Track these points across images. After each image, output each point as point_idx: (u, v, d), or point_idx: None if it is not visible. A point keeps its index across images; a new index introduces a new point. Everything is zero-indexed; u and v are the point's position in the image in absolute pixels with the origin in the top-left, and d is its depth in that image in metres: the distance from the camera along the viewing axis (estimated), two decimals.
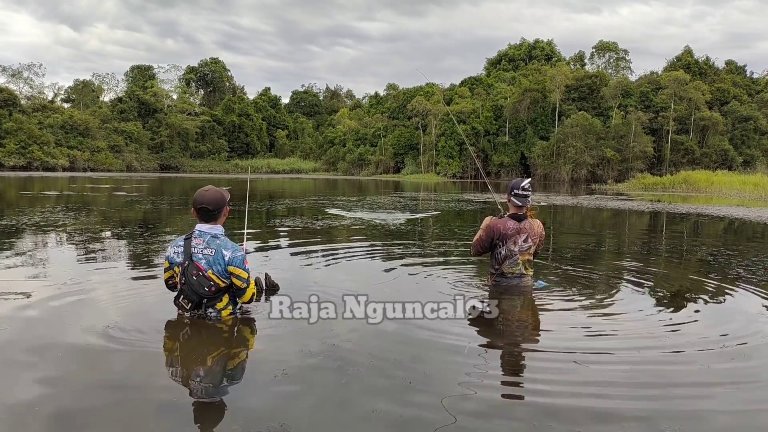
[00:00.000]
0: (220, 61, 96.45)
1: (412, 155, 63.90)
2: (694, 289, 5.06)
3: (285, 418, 2.23)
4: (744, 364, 3.00)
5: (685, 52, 64.44)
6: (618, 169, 51.17)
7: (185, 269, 3.33)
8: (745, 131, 54.50)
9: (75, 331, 3.30)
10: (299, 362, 2.84)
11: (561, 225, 12.06)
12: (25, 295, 4.10)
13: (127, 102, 74.36)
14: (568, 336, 3.46)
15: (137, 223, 10.21)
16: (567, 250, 7.59)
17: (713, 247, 8.04)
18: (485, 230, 4.42)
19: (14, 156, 55.77)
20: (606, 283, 5.18)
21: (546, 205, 17.77)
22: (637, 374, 2.84)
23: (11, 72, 72.05)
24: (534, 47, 75.09)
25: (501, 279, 4.44)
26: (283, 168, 75.40)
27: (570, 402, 2.47)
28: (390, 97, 78.37)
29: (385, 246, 7.50)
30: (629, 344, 3.29)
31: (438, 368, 2.84)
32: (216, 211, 3.42)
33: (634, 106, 55.38)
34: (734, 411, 2.44)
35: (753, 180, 27.85)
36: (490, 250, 4.47)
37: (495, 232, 4.36)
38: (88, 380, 2.60)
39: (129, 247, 6.92)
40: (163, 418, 2.27)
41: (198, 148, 77.06)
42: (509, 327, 3.68)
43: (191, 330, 3.32)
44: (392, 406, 2.37)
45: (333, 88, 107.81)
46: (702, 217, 13.70)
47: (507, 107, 59.33)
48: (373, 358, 2.94)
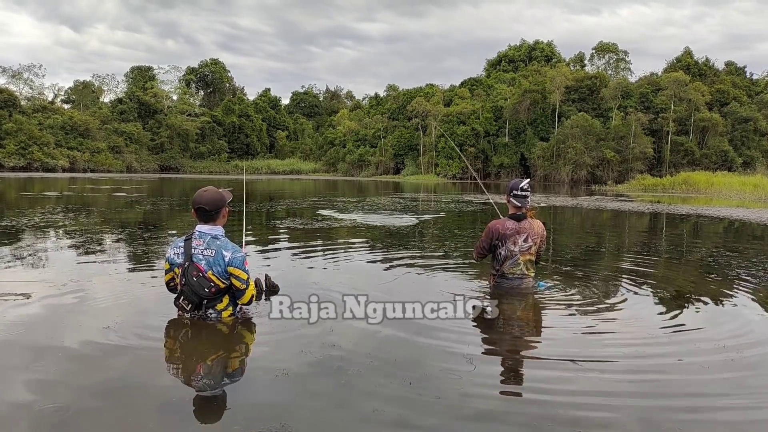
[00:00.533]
0: (220, 61, 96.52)
1: (412, 156, 63.94)
2: (695, 290, 5.06)
3: (285, 418, 2.23)
4: (744, 366, 3.00)
5: (685, 53, 64.47)
6: (618, 170, 51.19)
7: (185, 270, 3.33)
8: (744, 132, 54.53)
9: (75, 331, 3.30)
10: (299, 362, 2.84)
11: (561, 226, 12.06)
12: (25, 296, 4.10)
13: (127, 103, 74.41)
14: (568, 338, 3.45)
15: (137, 224, 10.20)
16: (567, 252, 7.59)
17: (713, 249, 8.04)
18: (485, 232, 4.43)
19: (14, 157, 55.81)
20: (606, 285, 5.18)
21: (546, 206, 17.76)
22: (638, 378, 2.83)
23: (11, 73, 72.14)
24: (534, 48, 75.14)
25: (502, 280, 4.44)
26: (283, 169, 75.44)
27: (570, 404, 2.47)
28: (390, 98, 78.40)
29: (384, 246, 7.51)
30: (629, 347, 3.28)
31: (438, 369, 2.84)
32: (213, 212, 3.40)
33: (633, 107, 55.40)
34: (735, 414, 2.44)
35: (753, 181, 27.85)
36: (491, 252, 4.47)
37: (494, 233, 4.37)
38: (88, 381, 2.60)
39: (129, 248, 6.92)
40: (164, 418, 2.27)
41: (198, 149, 77.11)
42: (509, 328, 3.68)
43: (191, 330, 3.32)
44: (392, 407, 2.37)
45: (333, 89, 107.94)
46: (702, 218, 13.70)
47: (507, 108, 59.37)
48: (373, 358, 2.94)
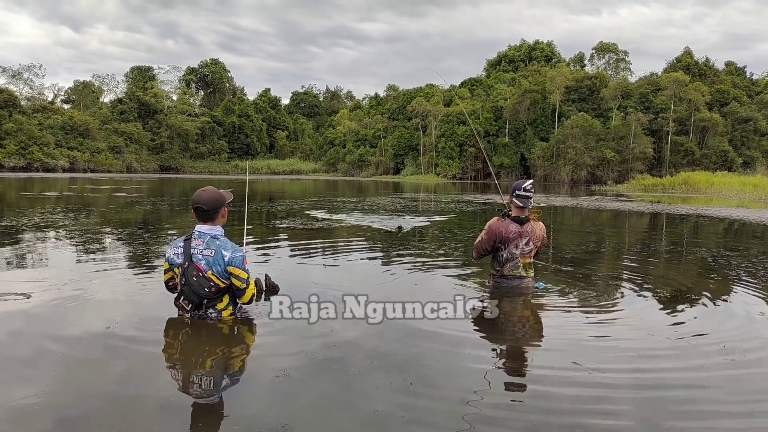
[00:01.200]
0: (220, 62, 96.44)
1: (412, 156, 63.94)
2: (695, 290, 5.06)
3: (286, 418, 2.23)
4: (746, 366, 3.00)
5: (685, 53, 64.46)
6: (618, 170, 51.19)
7: (185, 270, 3.33)
8: (744, 132, 54.52)
9: (75, 331, 3.29)
10: (299, 362, 2.84)
11: (561, 226, 12.06)
12: (25, 296, 4.10)
13: (127, 103, 74.39)
14: (569, 339, 3.45)
15: (137, 224, 10.20)
16: (567, 252, 7.59)
17: (713, 248, 8.04)
18: (487, 233, 4.40)
19: (14, 157, 55.77)
20: (606, 285, 5.18)
21: (546, 206, 17.76)
22: (638, 376, 2.83)
23: (11, 73, 72.03)
24: (534, 48, 75.14)
25: (502, 280, 4.44)
26: (283, 169, 75.43)
27: (570, 404, 2.47)
28: (390, 98, 78.42)
29: (384, 246, 7.50)
30: (630, 347, 3.29)
31: (438, 369, 2.84)
32: (212, 212, 3.40)
33: (633, 107, 55.40)
34: (736, 413, 2.44)
35: (753, 181, 27.87)
36: (491, 253, 4.47)
37: (497, 235, 4.35)
38: (88, 381, 2.60)
39: (129, 248, 6.91)
40: (163, 418, 2.27)
41: (198, 149, 77.10)
42: (509, 328, 3.68)
43: (191, 330, 3.32)
44: (392, 407, 2.37)
45: (333, 89, 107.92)
46: (702, 218, 13.70)
47: (507, 108, 59.37)
48: (373, 358, 2.94)
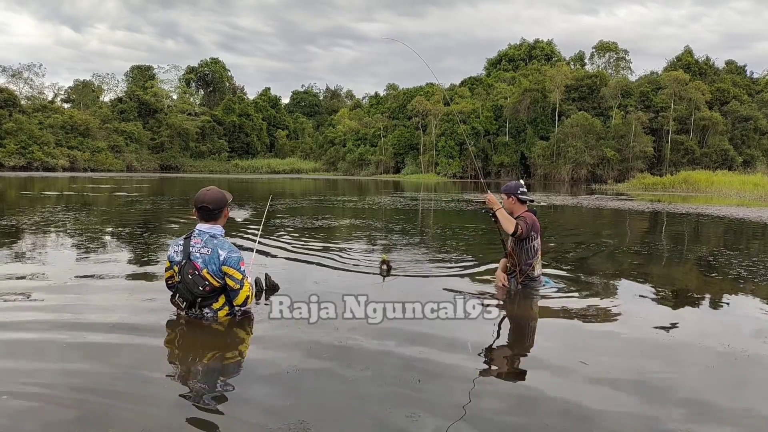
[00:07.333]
0: (220, 61, 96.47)
1: (412, 155, 63.91)
2: (695, 289, 5.06)
3: (286, 418, 2.23)
4: (747, 365, 3.00)
5: (685, 52, 64.43)
6: (618, 169, 51.19)
7: (182, 268, 3.37)
8: (745, 131, 54.50)
9: (74, 331, 3.29)
10: (299, 362, 2.84)
11: (561, 225, 12.05)
12: (26, 296, 4.10)
13: (128, 102, 74.39)
14: (570, 338, 3.46)
15: (137, 223, 10.20)
16: (567, 251, 7.58)
17: (714, 247, 8.04)
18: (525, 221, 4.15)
19: (14, 156, 55.76)
20: (606, 284, 5.18)
21: (546, 205, 17.76)
22: (640, 376, 2.83)
23: (11, 72, 72.13)
24: (534, 47, 75.11)
25: (532, 283, 4.37)
26: (284, 168, 75.46)
27: (571, 404, 2.47)
28: (390, 97, 78.41)
29: (385, 246, 7.49)
30: (631, 347, 3.29)
31: (438, 368, 2.84)
32: (216, 211, 3.46)
33: (634, 106, 55.38)
34: (737, 413, 2.44)
35: (753, 180, 27.84)
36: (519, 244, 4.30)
37: (536, 224, 4.24)
38: (89, 380, 2.60)
39: (129, 247, 6.92)
40: (163, 418, 2.27)
41: (198, 148, 77.10)
42: (510, 327, 3.68)
43: (191, 330, 3.33)
44: (392, 407, 2.37)
45: (333, 89, 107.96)
46: (702, 217, 13.69)
47: (507, 107, 59.36)
48: (374, 358, 2.94)
